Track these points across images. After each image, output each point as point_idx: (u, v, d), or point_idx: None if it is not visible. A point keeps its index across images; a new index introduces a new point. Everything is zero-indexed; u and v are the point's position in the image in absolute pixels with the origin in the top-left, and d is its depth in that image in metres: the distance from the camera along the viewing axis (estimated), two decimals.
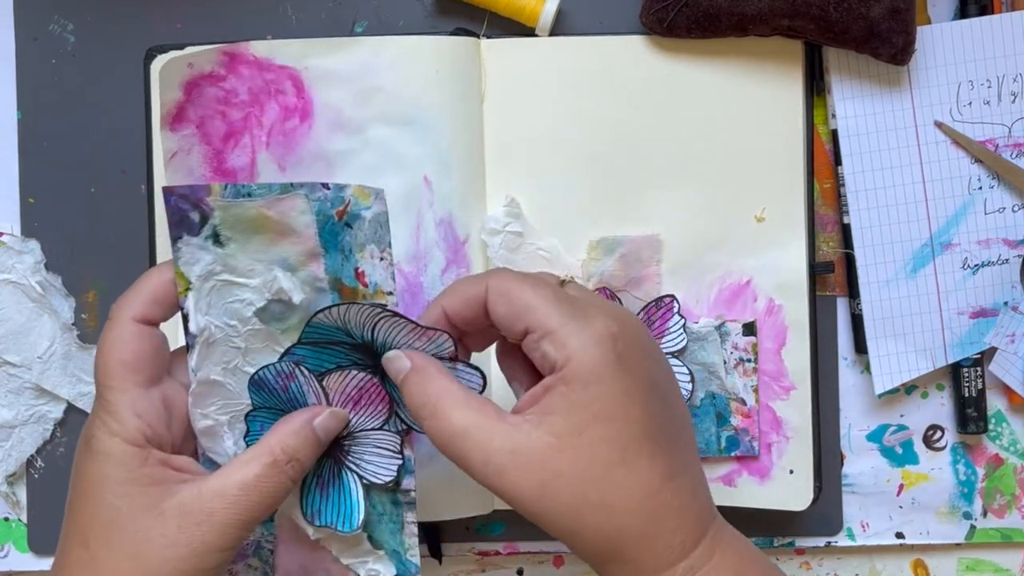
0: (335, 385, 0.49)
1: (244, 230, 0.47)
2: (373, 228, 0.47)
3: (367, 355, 0.49)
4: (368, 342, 0.48)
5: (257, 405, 0.49)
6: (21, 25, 0.61)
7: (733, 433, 0.59)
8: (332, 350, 0.48)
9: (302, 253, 0.47)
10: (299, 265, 0.48)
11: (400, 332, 0.47)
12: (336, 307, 0.47)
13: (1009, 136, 0.59)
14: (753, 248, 0.59)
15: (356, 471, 0.50)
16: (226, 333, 0.48)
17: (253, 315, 0.48)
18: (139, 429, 0.45)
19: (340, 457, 0.50)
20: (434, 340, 0.47)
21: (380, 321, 0.47)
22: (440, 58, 0.58)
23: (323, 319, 0.48)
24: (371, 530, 0.51)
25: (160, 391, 0.47)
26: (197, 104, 0.58)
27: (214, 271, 0.47)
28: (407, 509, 0.50)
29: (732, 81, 0.59)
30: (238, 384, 0.49)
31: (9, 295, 0.61)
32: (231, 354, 0.48)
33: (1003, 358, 0.60)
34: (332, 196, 0.47)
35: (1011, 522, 0.62)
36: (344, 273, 0.48)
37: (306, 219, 0.47)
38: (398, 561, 0.51)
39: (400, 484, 0.50)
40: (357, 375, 0.48)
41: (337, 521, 0.49)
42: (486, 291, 0.46)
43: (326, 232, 0.47)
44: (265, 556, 0.52)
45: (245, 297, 0.48)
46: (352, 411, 0.49)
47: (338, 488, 0.50)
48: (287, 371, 0.48)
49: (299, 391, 0.49)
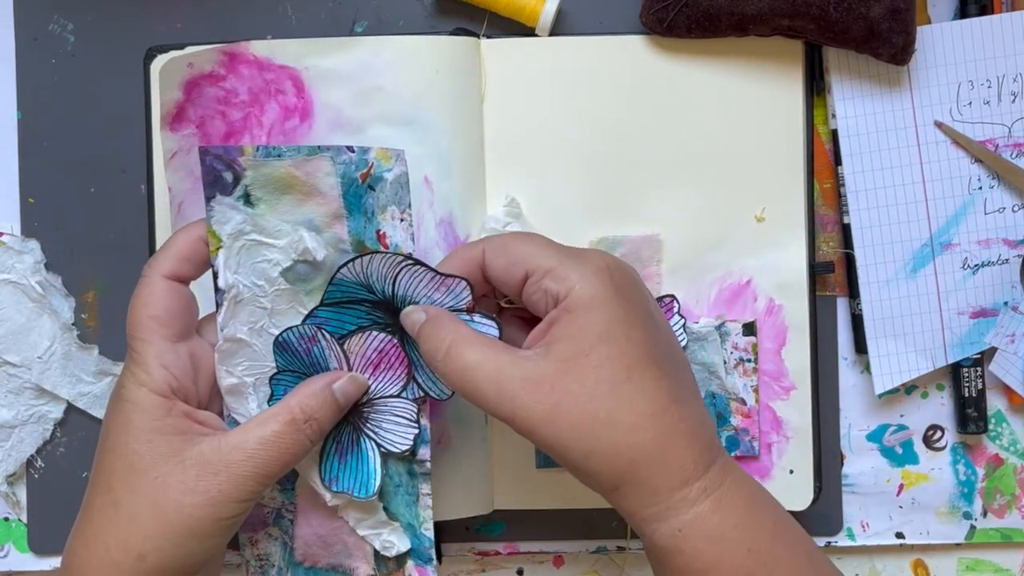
0: (356, 348, 0.50)
1: (273, 190, 0.49)
2: (394, 189, 0.50)
3: (387, 313, 0.51)
4: (389, 297, 0.50)
5: (281, 368, 0.51)
6: (21, 25, 0.61)
7: (733, 433, 0.59)
8: (353, 310, 0.50)
9: (327, 215, 0.50)
10: (324, 226, 0.50)
11: (420, 283, 0.49)
12: (359, 258, 0.49)
13: (1009, 136, 0.59)
14: (753, 248, 0.59)
15: (374, 438, 0.51)
16: (253, 293, 0.50)
17: (279, 275, 0.50)
18: (165, 380, 0.47)
19: (359, 424, 0.51)
20: (452, 289, 0.49)
21: (401, 272, 0.49)
22: (440, 58, 0.58)
23: (346, 274, 0.50)
24: (387, 502, 0.52)
25: (188, 347, 0.49)
26: (197, 104, 0.58)
27: (244, 230, 0.49)
28: (422, 480, 0.52)
29: (732, 81, 0.59)
30: (263, 345, 0.50)
31: (9, 295, 0.61)
32: (258, 314, 0.50)
33: (1003, 358, 0.60)
34: (356, 159, 0.49)
35: (1011, 522, 0.62)
36: (366, 235, 0.50)
37: (331, 180, 0.49)
38: (412, 535, 0.53)
39: (416, 454, 0.52)
40: (377, 336, 0.50)
41: (354, 487, 0.51)
42: (482, 252, 0.48)
43: (350, 195, 0.49)
44: (285, 526, 0.54)
45: (272, 257, 0.50)
46: (371, 375, 0.51)
47: (356, 455, 0.51)
48: (309, 334, 0.50)
49: (321, 355, 0.50)
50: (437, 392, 0.51)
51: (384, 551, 0.53)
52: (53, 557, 0.62)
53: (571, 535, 0.62)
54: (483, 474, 0.59)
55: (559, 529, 0.62)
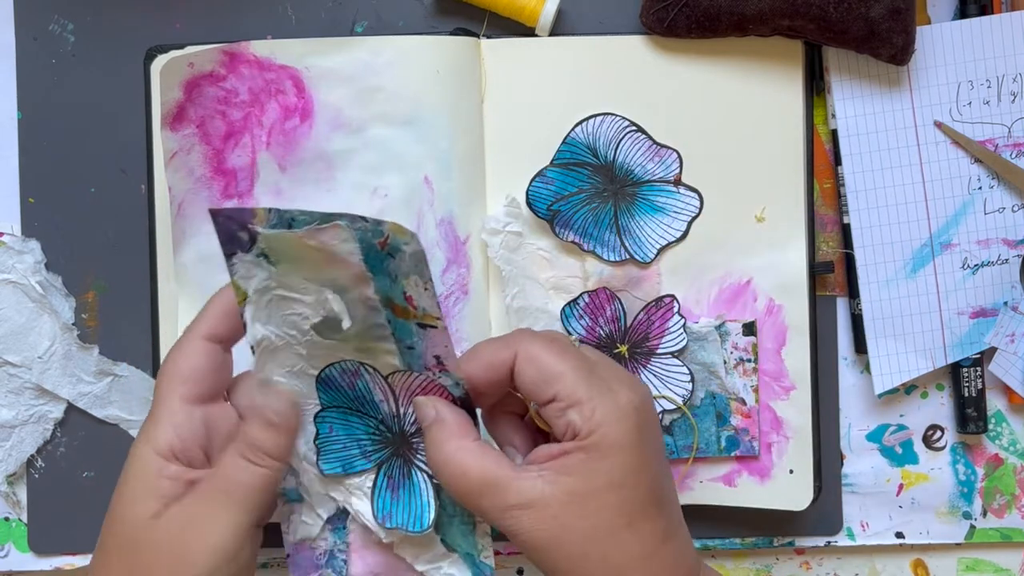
0: (400, 382, 0.49)
1: (290, 256, 0.46)
2: (414, 262, 0.46)
3: (606, 179, 0.57)
4: (610, 163, 0.53)
5: (326, 404, 0.49)
6: (21, 25, 0.61)
7: (733, 433, 0.59)
8: (577, 172, 0.53)
9: (351, 277, 0.46)
10: (350, 286, 0.47)
11: (639, 151, 0.52)
12: (592, 118, 0.54)
13: (1009, 136, 0.59)
14: (753, 248, 0.59)
15: (425, 470, 0.49)
16: (287, 342, 0.48)
17: (310, 328, 0.48)
18: (168, 441, 0.46)
19: (409, 456, 0.50)
20: (664, 160, 0.55)
21: (624, 137, 0.52)
22: (440, 58, 0.58)
23: (578, 134, 0.53)
24: (443, 532, 0.50)
25: (205, 410, 0.48)
26: (197, 104, 0.58)
27: (270, 286, 0.47)
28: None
29: (732, 81, 0.59)
30: (304, 386, 0.49)
31: (9, 295, 0.61)
32: (294, 359, 0.49)
33: (1003, 358, 0.60)
34: (372, 227, 0.45)
35: (1011, 522, 0.62)
36: (394, 294, 0.47)
37: (349, 247, 0.45)
38: (472, 564, 0.51)
39: None
40: (418, 376, 0.48)
41: (408, 521, 0.49)
42: (514, 357, 0.47)
43: (371, 258, 0.46)
44: (339, 567, 0.52)
45: (301, 311, 0.47)
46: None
47: (408, 488, 0.50)
48: (352, 369, 0.48)
49: (366, 388, 0.49)
50: None
51: None
52: (53, 557, 0.62)
53: None
54: None
55: None
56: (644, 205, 0.59)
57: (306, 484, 0.50)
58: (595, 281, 0.59)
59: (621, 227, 0.59)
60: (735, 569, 0.63)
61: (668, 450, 0.59)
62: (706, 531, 0.62)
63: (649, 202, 0.59)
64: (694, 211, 0.59)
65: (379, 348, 0.48)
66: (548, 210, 0.59)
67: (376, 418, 0.50)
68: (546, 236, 0.59)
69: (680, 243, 0.59)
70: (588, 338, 0.59)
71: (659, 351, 0.59)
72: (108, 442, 0.62)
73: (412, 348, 0.48)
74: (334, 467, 0.50)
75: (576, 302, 0.59)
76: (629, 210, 0.59)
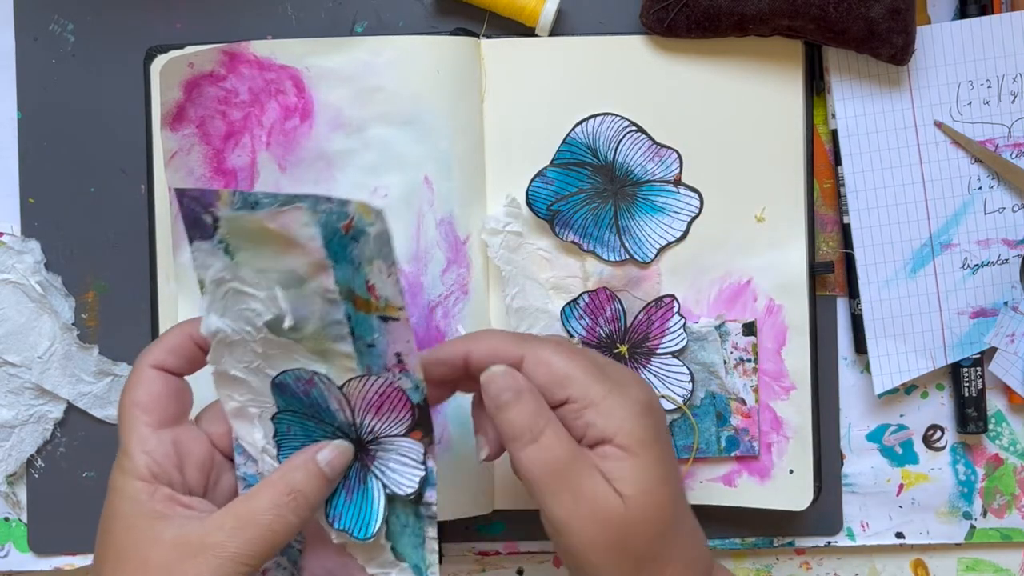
0: (355, 390, 0.48)
1: (251, 241, 0.46)
2: (378, 245, 0.45)
3: (606, 179, 0.56)
4: (610, 163, 0.55)
5: (282, 408, 0.49)
6: (21, 25, 0.61)
7: (733, 433, 0.59)
8: (577, 172, 0.53)
9: (310, 264, 0.45)
10: (308, 276, 0.46)
11: (639, 151, 0.53)
12: (591, 118, 0.55)
13: (1009, 136, 0.59)
14: (753, 248, 0.59)
15: (380, 478, 0.49)
16: (243, 337, 0.48)
17: (264, 325, 0.47)
18: (146, 465, 0.46)
19: (367, 463, 0.49)
20: (664, 160, 0.55)
21: (624, 138, 0.52)
22: (440, 58, 0.58)
23: (578, 134, 0.53)
24: (394, 541, 0.50)
25: (172, 434, 0.48)
26: (197, 104, 0.58)
27: (225, 278, 0.47)
28: (428, 523, 0.50)
29: (732, 81, 0.59)
30: (261, 384, 0.49)
31: (9, 295, 0.61)
32: (251, 356, 0.48)
33: (1003, 358, 0.60)
34: (336, 209, 0.45)
35: (1011, 522, 0.62)
36: (356, 283, 0.46)
37: (309, 231, 0.44)
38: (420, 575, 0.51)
39: (423, 496, 0.49)
40: (376, 380, 0.48)
41: (355, 527, 0.49)
42: (521, 359, 0.47)
43: (334, 244, 0.45)
44: (293, 555, 0.52)
45: (255, 307, 0.47)
46: (375, 418, 0.49)
47: (361, 493, 0.50)
48: (306, 377, 0.48)
49: (320, 396, 0.48)
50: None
51: None
52: (53, 557, 0.62)
53: None
54: (483, 474, 0.59)
55: None
56: (644, 205, 0.59)
57: (265, 474, 0.50)
58: (595, 281, 0.59)
59: (621, 227, 0.59)
60: (735, 569, 0.63)
61: None
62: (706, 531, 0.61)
63: (649, 202, 0.59)
64: (694, 211, 0.59)
65: (336, 350, 0.47)
66: (548, 210, 0.59)
67: (333, 425, 0.49)
68: (546, 236, 0.59)
69: (680, 243, 0.59)
70: (588, 338, 0.59)
71: (659, 351, 0.59)
72: (108, 442, 0.61)
73: (373, 346, 0.47)
74: None
75: (576, 302, 0.59)
76: (629, 210, 0.59)
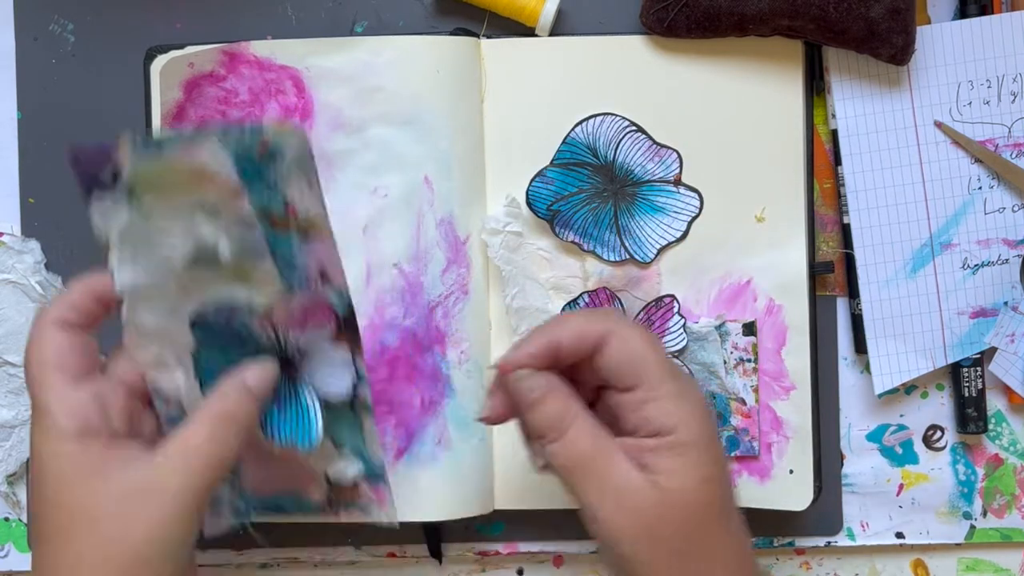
0: (278, 310, 0.48)
1: (158, 183, 0.45)
2: (298, 163, 0.45)
3: (606, 179, 0.56)
4: (610, 163, 0.55)
5: (202, 341, 0.49)
6: (21, 25, 0.61)
7: (733, 433, 0.59)
8: (577, 172, 0.54)
9: (223, 193, 0.45)
10: (223, 206, 0.45)
11: (639, 151, 0.53)
12: (592, 118, 0.54)
13: (1009, 136, 0.59)
14: (753, 248, 0.59)
15: (312, 388, 0.50)
16: (157, 284, 0.47)
17: (181, 260, 0.47)
18: (73, 423, 0.45)
19: (293, 375, 0.50)
20: (664, 160, 0.55)
21: (624, 138, 0.53)
22: (440, 58, 0.58)
23: (578, 134, 0.53)
24: (332, 431, 0.51)
25: (90, 386, 0.47)
26: (198, 104, 0.58)
27: (133, 225, 0.46)
28: (365, 415, 0.51)
29: (732, 81, 0.59)
30: (179, 327, 0.48)
31: (9, 295, 0.61)
32: (167, 300, 0.48)
33: (1003, 358, 0.60)
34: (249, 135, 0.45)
35: (1011, 522, 0.62)
36: (273, 204, 0.46)
37: (220, 159, 0.44)
38: (360, 457, 0.52)
39: (357, 397, 0.50)
40: (299, 295, 0.48)
41: (296, 436, 0.50)
42: (603, 335, 0.47)
43: (247, 169, 0.45)
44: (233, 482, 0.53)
45: (171, 244, 0.46)
46: (300, 332, 0.49)
47: (295, 405, 0.50)
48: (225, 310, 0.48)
49: (242, 325, 0.48)
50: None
51: (337, 480, 0.52)
52: None
53: (571, 535, 0.62)
54: (483, 474, 0.59)
55: (559, 529, 0.62)
56: (644, 205, 0.59)
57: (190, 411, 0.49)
58: (595, 281, 0.59)
59: (621, 227, 0.59)
60: None
61: None
62: None
63: (649, 202, 0.59)
64: (694, 211, 0.59)
65: (256, 273, 0.47)
66: (548, 210, 0.59)
67: (256, 348, 0.49)
68: (546, 236, 0.59)
69: (680, 243, 0.59)
70: None
71: None
72: None
73: (292, 264, 0.47)
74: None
75: (576, 302, 0.59)
76: (629, 210, 0.59)
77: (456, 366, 0.58)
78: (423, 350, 0.58)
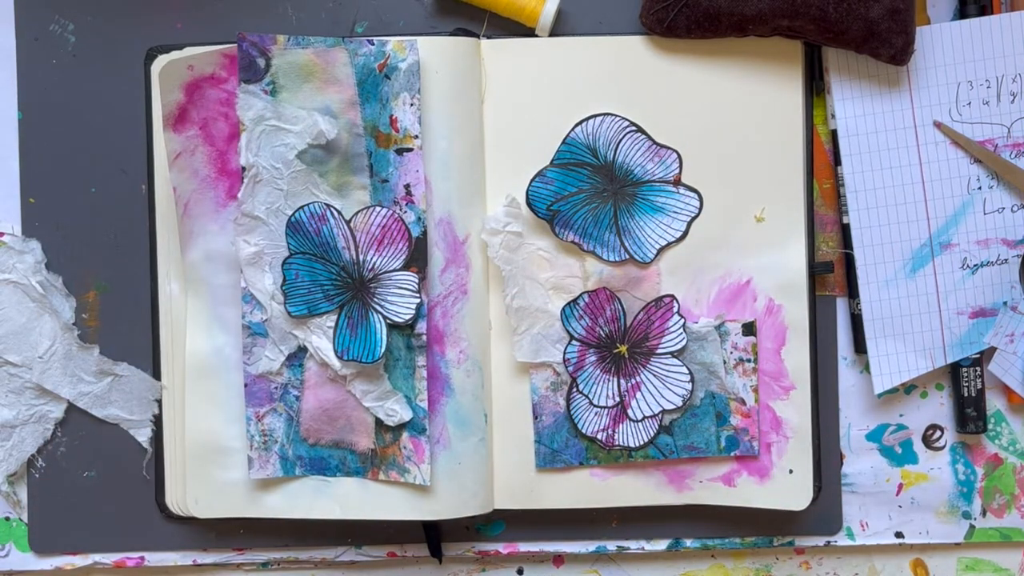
0: (361, 225, 0.57)
1: (296, 77, 0.56)
2: (407, 77, 0.56)
3: (606, 179, 0.58)
4: (609, 163, 0.58)
5: (293, 250, 0.56)
6: (21, 25, 0.61)
7: (733, 433, 0.59)
8: (577, 172, 0.58)
9: (343, 101, 0.56)
10: (340, 112, 0.56)
11: (638, 151, 0.58)
12: (591, 119, 0.58)
13: (1008, 136, 0.60)
14: (753, 248, 0.59)
15: (381, 312, 0.57)
16: (272, 175, 0.55)
17: (295, 158, 0.56)
18: None
19: (367, 299, 0.57)
20: (664, 160, 0.57)
21: (624, 138, 0.57)
22: (440, 58, 0.58)
23: (578, 134, 0.58)
24: (389, 374, 0.58)
25: None
26: (199, 106, 0.58)
27: (264, 116, 0.56)
28: (418, 353, 0.57)
29: (732, 81, 0.59)
30: (279, 226, 0.57)
31: (10, 295, 0.61)
32: (275, 196, 0.56)
33: (1002, 358, 0.60)
34: (375, 51, 0.56)
35: (1010, 522, 0.62)
36: (380, 120, 0.56)
37: (347, 71, 0.56)
38: (410, 405, 0.58)
39: (415, 327, 0.57)
40: (380, 211, 0.56)
41: (363, 354, 0.57)
42: None
43: (367, 84, 0.56)
44: (291, 401, 0.58)
45: (289, 141, 0.56)
46: (375, 252, 0.57)
47: (364, 327, 0.57)
48: (319, 212, 0.56)
49: (330, 233, 0.57)
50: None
51: (388, 419, 0.57)
52: (53, 557, 0.62)
53: (571, 535, 0.62)
54: (483, 474, 0.59)
55: (559, 529, 0.62)
56: (644, 205, 0.59)
57: (272, 322, 0.57)
58: (595, 281, 0.59)
59: (621, 227, 0.59)
60: (735, 569, 0.63)
61: (668, 450, 0.59)
62: (706, 531, 0.62)
63: (649, 202, 0.59)
64: (694, 211, 0.59)
65: (354, 182, 0.57)
66: (548, 210, 0.59)
67: (338, 264, 0.57)
68: (546, 236, 0.59)
69: (680, 243, 0.59)
70: (588, 338, 0.59)
71: (659, 351, 0.59)
72: (108, 442, 0.62)
73: (386, 181, 0.56)
74: (300, 309, 0.57)
75: (576, 302, 0.59)
76: (629, 210, 0.59)
77: (455, 365, 0.59)
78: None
